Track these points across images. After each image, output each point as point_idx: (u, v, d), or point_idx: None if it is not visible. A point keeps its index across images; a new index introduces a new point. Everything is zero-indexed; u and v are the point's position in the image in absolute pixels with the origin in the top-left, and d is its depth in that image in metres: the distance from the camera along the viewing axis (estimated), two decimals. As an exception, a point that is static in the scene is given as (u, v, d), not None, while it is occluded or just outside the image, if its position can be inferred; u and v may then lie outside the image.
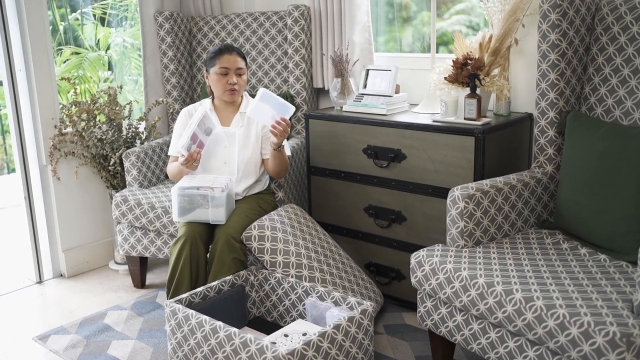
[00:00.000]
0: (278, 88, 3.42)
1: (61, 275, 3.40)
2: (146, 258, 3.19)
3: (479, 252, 2.24)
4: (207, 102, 2.84)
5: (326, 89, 3.34)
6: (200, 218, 2.54)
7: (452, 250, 2.26)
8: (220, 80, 2.72)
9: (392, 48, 3.45)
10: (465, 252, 2.24)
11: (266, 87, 3.44)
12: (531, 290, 1.90)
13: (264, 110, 2.58)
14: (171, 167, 2.78)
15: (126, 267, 3.36)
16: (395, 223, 2.81)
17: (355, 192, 2.92)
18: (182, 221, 2.58)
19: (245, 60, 2.76)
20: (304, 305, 2.44)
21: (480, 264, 2.13)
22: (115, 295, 3.15)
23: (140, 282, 3.21)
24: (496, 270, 2.07)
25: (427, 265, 2.20)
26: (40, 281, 3.33)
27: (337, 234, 3.03)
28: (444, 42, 3.28)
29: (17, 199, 3.34)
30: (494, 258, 2.17)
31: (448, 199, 2.31)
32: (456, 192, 2.29)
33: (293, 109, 2.62)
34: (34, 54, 3.10)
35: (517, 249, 2.25)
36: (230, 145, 2.73)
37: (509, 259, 2.17)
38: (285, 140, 2.78)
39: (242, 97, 2.85)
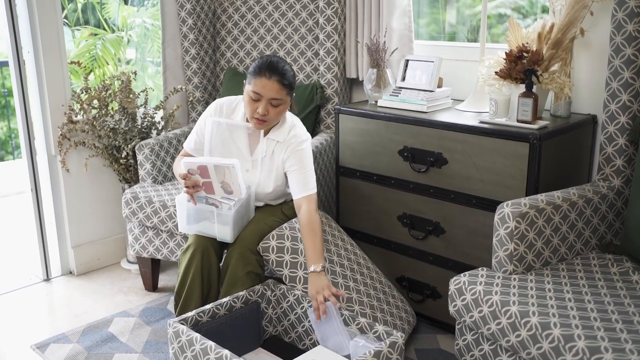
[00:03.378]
0: (307, 77, 3.11)
1: (70, 273, 3.18)
2: (159, 260, 2.95)
3: (531, 280, 1.91)
4: (241, 112, 2.39)
5: (360, 79, 3.02)
6: (206, 231, 2.25)
7: (498, 277, 1.93)
8: (250, 104, 2.24)
9: (433, 31, 3.11)
10: (515, 279, 1.92)
11: (294, 76, 3.12)
12: (597, 337, 1.57)
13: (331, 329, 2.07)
14: (177, 166, 2.38)
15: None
16: (433, 235, 2.49)
17: (388, 197, 2.60)
18: (188, 232, 2.30)
19: (289, 87, 2.25)
20: (325, 328, 2.15)
21: (532, 296, 1.80)
22: (124, 298, 2.91)
23: (151, 285, 2.96)
24: (552, 306, 1.74)
25: (468, 294, 1.89)
26: (47, 279, 3.11)
27: (367, 242, 2.72)
28: (487, 25, 2.93)
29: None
30: (549, 290, 1.85)
31: (496, 216, 1.99)
32: (506, 209, 1.96)
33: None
34: (42, 34, 2.85)
35: (576, 279, 1.91)
36: (253, 170, 2.36)
37: (568, 291, 1.83)
38: (307, 181, 2.32)
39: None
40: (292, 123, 2.38)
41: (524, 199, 1.99)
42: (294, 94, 2.36)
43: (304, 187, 2.30)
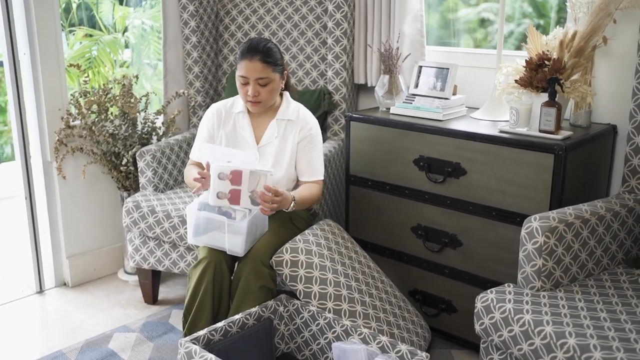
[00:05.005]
0: (314, 82, 3.02)
1: (64, 284, 3.04)
2: (159, 271, 2.83)
3: (561, 298, 1.84)
4: (240, 102, 2.39)
5: (369, 85, 2.93)
6: (215, 243, 2.14)
7: (527, 294, 1.86)
8: (241, 88, 2.27)
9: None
10: (544, 296, 1.84)
11: (300, 80, 3.03)
12: (641, 360, 1.50)
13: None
14: (189, 175, 2.32)
15: (137, 278, 3.00)
16: (449, 247, 2.41)
17: (402, 208, 2.52)
18: (197, 244, 2.20)
19: (273, 64, 2.24)
20: (342, 346, 2.05)
21: (566, 315, 1.73)
22: (123, 312, 2.79)
23: (151, 297, 2.85)
24: (588, 326, 1.67)
25: (497, 313, 1.81)
26: (40, 291, 2.98)
27: (378, 254, 2.64)
28: (470, 29, 2.98)
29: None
30: (582, 308, 1.77)
31: (523, 230, 1.91)
32: (534, 223, 1.88)
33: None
34: (40, 35, 2.72)
35: (608, 296, 1.85)
36: (262, 159, 2.31)
37: (602, 310, 1.76)
38: (318, 165, 2.35)
39: (281, 98, 2.39)
40: (298, 105, 2.41)
41: (552, 212, 1.92)
42: (286, 72, 2.35)
43: (312, 171, 2.34)
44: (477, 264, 2.34)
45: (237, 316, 2.04)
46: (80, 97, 2.81)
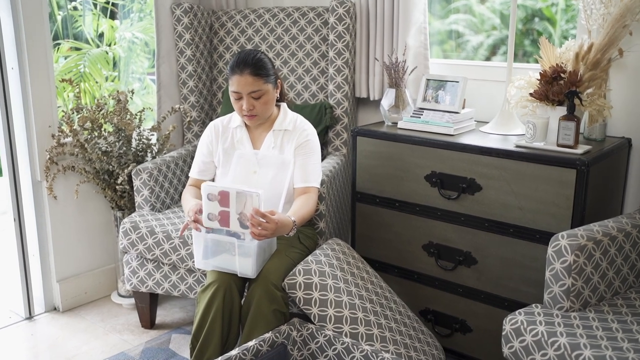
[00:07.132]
0: (313, 96, 2.93)
1: (55, 309, 2.89)
2: (157, 294, 2.70)
3: (593, 319, 1.78)
4: (237, 117, 2.34)
5: (371, 99, 2.86)
6: (225, 266, 2.05)
7: (557, 315, 1.79)
8: (235, 103, 2.22)
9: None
10: (575, 318, 1.78)
11: (299, 94, 2.95)
12: (689, 385, 1.44)
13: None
14: (186, 200, 2.26)
15: (131, 300, 2.87)
16: (463, 265, 2.34)
17: (412, 225, 2.44)
18: (205, 268, 2.10)
19: (265, 76, 2.17)
20: (362, 373, 1.96)
21: (602, 338, 1.66)
22: (119, 337, 2.65)
23: (149, 322, 2.71)
24: (628, 349, 1.60)
25: (529, 336, 1.74)
26: (30, 317, 2.82)
27: (386, 272, 2.55)
28: (439, 41, 2.98)
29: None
30: (617, 329, 1.71)
31: (550, 249, 1.85)
32: (562, 242, 1.82)
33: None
34: (29, 49, 2.59)
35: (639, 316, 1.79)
36: (260, 170, 2.24)
37: (637, 331, 1.70)
38: (312, 171, 2.27)
39: (279, 109, 2.35)
40: (295, 115, 2.35)
41: (579, 230, 1.86)
42: (279, 81, 2.29)
43: (307, 177, 2.25)
44: (493, 282, 2.28)
45: (251, 343, 1.94)
46: (73, 113, 2.67)
